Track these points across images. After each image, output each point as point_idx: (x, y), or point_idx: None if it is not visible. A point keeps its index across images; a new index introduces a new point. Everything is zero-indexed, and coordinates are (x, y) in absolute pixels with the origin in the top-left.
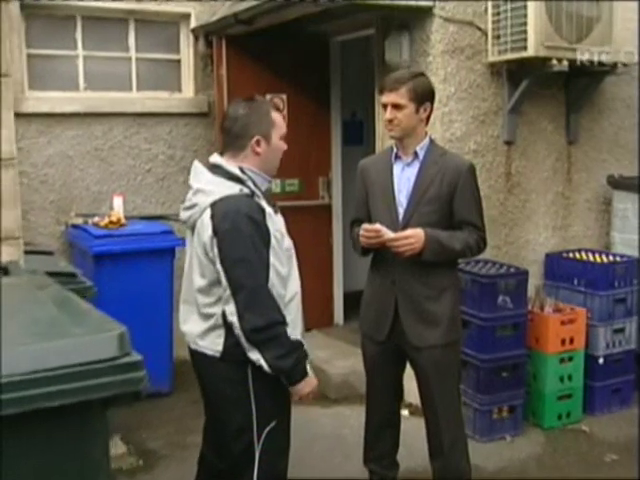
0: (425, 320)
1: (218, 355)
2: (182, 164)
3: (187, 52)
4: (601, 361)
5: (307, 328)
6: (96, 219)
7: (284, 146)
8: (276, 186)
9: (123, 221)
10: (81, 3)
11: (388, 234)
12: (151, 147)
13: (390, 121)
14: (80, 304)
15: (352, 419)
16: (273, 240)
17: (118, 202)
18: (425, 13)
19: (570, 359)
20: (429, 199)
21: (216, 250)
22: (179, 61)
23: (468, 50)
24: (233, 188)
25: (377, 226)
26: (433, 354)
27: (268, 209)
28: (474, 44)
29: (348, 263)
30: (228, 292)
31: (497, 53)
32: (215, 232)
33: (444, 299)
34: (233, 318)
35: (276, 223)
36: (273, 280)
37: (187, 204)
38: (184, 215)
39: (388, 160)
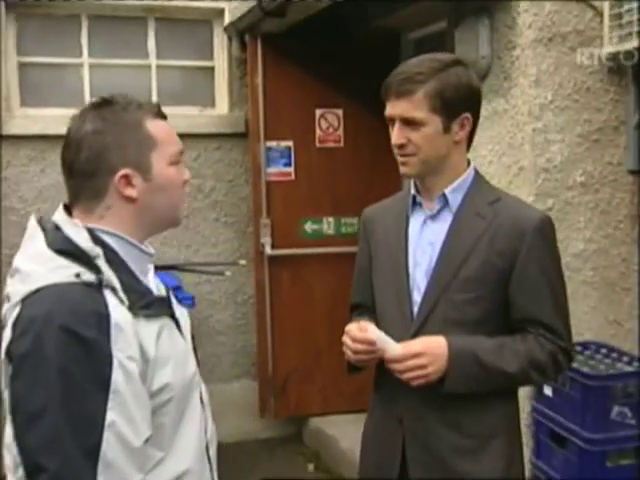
0: None
1: None
2: (213, 197)
3: (221, 57)
4: None
5: (361, 409)
6: None
7: (182, 175)
8: (329, 226)
9: None
10: None
11: (389, 347)
12: None
13: (400, 147)
14: None
15: None
16: (118, 377)
17: None
18: None
19: None
20: (466, 280)
21: (8, 391)
22: (212, 69)
23: (573, 38)
24: (65, 271)
25: (370, 335)
26: None
27: (121, 314)
28: (583, 29)
29: None
30: (21, 473)
31: (617, 40)
32: (9, 356)
33: (490, 454)
34: None
35: (129, 342)
36: (111, 454)
37: (5, 291)
38: (3, 309)
39: (402, 210)
